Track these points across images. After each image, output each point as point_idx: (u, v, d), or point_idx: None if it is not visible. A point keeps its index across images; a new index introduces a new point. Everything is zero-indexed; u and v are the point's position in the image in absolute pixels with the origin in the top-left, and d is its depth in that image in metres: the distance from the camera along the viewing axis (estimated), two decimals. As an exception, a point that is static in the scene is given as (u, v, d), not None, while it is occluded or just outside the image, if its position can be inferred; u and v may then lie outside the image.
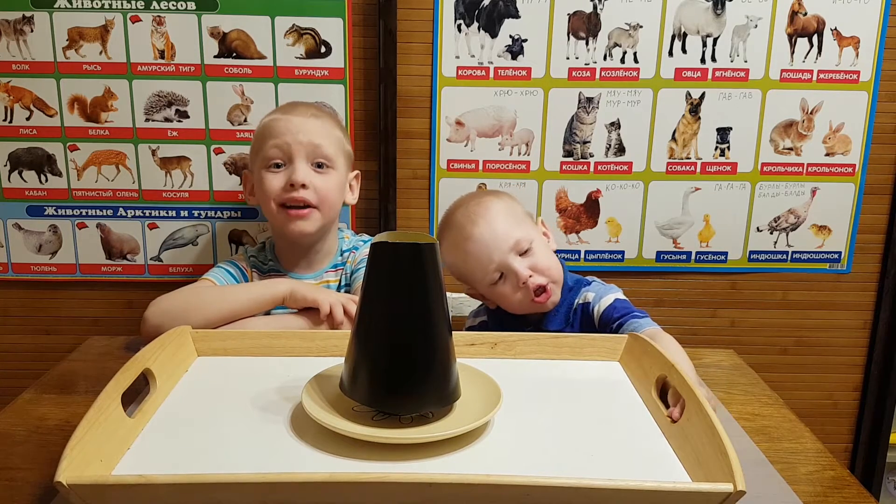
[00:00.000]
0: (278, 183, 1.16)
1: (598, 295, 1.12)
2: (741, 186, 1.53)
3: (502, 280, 1.11)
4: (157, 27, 1.42)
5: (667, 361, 0.81)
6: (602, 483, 0.58)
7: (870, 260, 1.58)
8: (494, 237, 1.10)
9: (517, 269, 1.09)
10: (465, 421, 0.72)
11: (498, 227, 1.10)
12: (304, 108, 1.21)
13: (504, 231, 1.10)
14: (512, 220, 1.12)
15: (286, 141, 1.15)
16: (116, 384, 0.73)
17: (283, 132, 1.16)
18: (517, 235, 1.10)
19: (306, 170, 1.16)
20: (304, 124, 1.17)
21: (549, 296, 1.11)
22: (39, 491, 0.69)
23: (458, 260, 1.14)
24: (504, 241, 1.09)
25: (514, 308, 1.14)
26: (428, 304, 0.72)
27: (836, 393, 1.66)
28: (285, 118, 1.17)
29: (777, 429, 0.85)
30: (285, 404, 0.79)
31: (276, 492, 0.58)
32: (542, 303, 1.11)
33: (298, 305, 1.08)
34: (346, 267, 1.24)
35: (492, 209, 1.12)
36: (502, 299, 1.13)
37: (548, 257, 1.12)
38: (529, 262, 1.10)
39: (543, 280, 1.10)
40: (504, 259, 1.09)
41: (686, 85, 1.48)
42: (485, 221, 1.10)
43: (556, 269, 1.12)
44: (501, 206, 1.13)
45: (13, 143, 1.47)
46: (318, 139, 1.17)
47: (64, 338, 1.56)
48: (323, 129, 1.18)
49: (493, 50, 1.46)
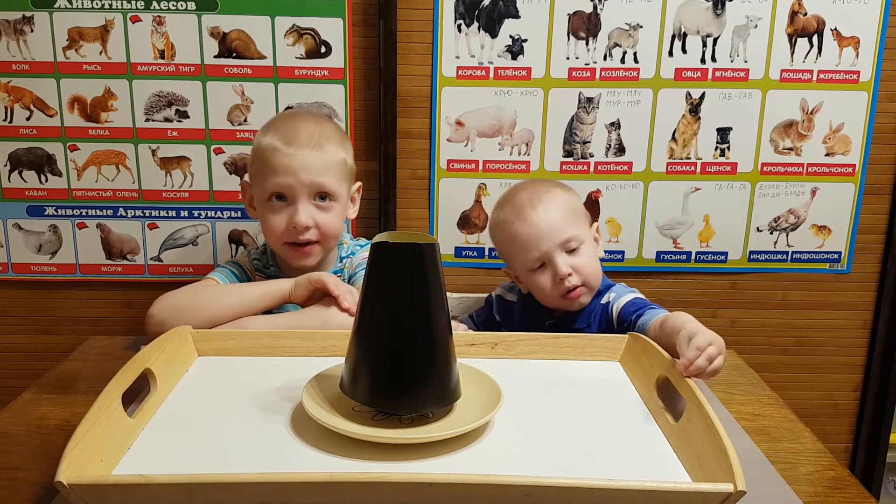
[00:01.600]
0: (281, 222, 1.14)
1: (618, 295, 1.15)
2: (741, 186, 1.53)
3: (541, 269, 1.13)
4: (157, 27, 1.42)
5: (667, 362, 0.82)
6: (602, 483, 0.58)
7: (870, 260, 1.58)
8: (549, 227, 1.11)
9: (559, 265, 1.11)
10: (465, 421, 0.72)
11: (554, 218, 1.12)
12: (306, 132, 1.14)
13: (559, 224, 1.12)
14: (570, 217, 1.14)
15: (289, 183, 1.12)
16: (117, 384, 0.73)
17: (284, 171, 1.12)
18: (570, 233, 1.12)
19: (308, 210, 1.14)
20: (307, 160, 1.12)
21: (579, 296, 1.13)
22: (40, 491, 0.69)
23: (507, 237, 1.16)
24: (556, 234, 1.11)
25: (543, 298, 1.16)
26: (428, 304, 0.72)
27: (836, 393, 1.66)
28: (288, 153, 1.12)
29: (777, 429, 0.85)
30: (285, 404, 0.79)
31: (276, 492, 0.58)
32: (571, 300, 1.13)
33: (304, 292, 1.07)
34: (345, 272, 1.24)
35: (555, 200, 1.14)
36: (536, 287, 1.15)
37: (592, 262, 1.14)
38: (573, 261, 1.12)
39: (580, 282, 1.12)
40: (550, 251, 1.11)
41: (686, 85, 1.48)
42: (544, 208, 1.13)
43: (595, 275, 1.14)
44: (565, 200, 1.15)
45: (13, 143, 1.47)
46: (321, 177, 1.13)
47: (64, 338, 1.56)
48: (325, 162, 1.14)
49: (493, 50, 1.46)
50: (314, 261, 1.18)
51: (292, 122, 1.17)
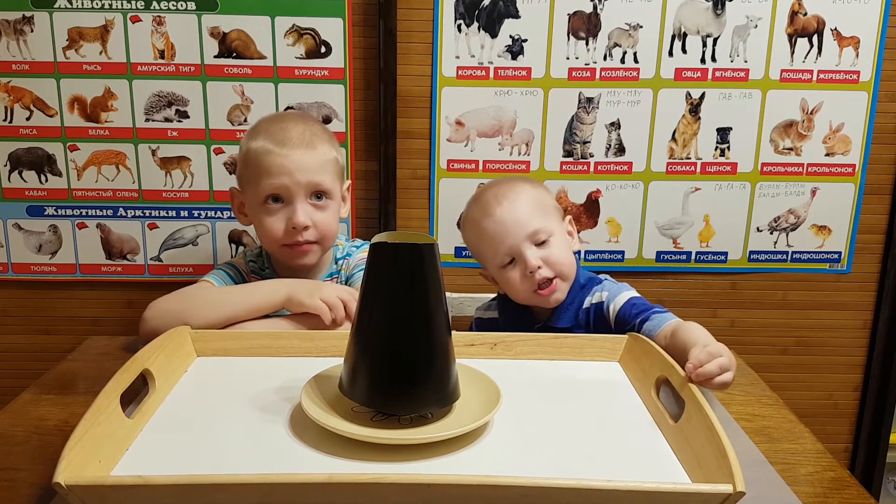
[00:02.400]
0: (279, 224, 1.13)
1: (612, 294, 1.12)
2: (741, 186, 1.53)
3: (512, 265, 1.12)
4: (157, 27, 1.42)
5: (666, 362, 0.81)
6: (602, 483, 0.58)
7: (870, 260, 1.58)
8: (515, 221, 1.10)
9: (528, 258, 1.09)
10: (465, 421, 0.72)
11: (520, 212, 1.11)
12: (296, 133, 1.14)
13: (525, 217, 1.10)
14: (537, 210, 1.12)
15: (285, 184, 1.11)
16: (115, 384, 0.73)
17: (278, 171, 1.11)
18: (537, 225, 1.10)
19: (306, 209, 1.13)
20: (302, 160, 1.12)
21: (552, 290, 1.11)
22: (39, 491, 0.69)
23: (475, 236, 1.15)
24: (523, 227, 1.10)
25: (518, 296, 1.14)
26: (428, 304, 0.72)
27: (836, 393, 1.65)
28: (281, 153, 1.11)
29: (777, 429, 0.85)
30: (284, 405, 0.79)
31: (275, 492, 0.58)
32: (545, 296, 1.11)
33: (297, 311, 1.07)
34: (341, 274, 1.24)
35: (521, 194, 1.13)
36: (509, 285, 1.14)
37: (563, 254, 1.12)
38: (543, 254, 1.10)
39: (551, 274, 1.10)
40: (518, 245, 1.10)
41: (686, 85, 1.48)
42: (509, 203, 1.11)
43: (568, 266, 1.12)
44: (531, 194, 1.14)
45: (13, 143, 1.47)
46: (316, 176, 1.13)
47: (63, 338, 1.56)
48: (319, 161, 1.14)
49: (493, 50, 1.46)
50: (314, 258, 1.17)
51: (280, 124, 1.16)
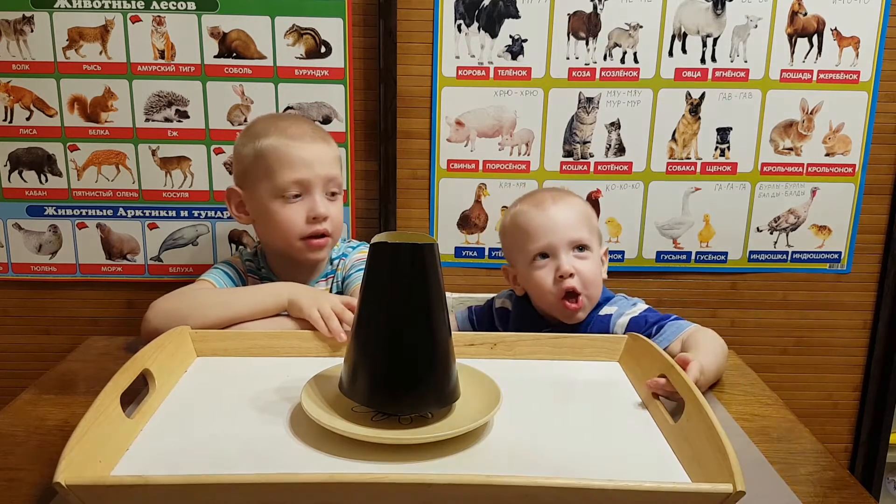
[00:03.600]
0: (299, 216, 1.14)
1: (620, 310, 1.11)
2: (741, 186, 1.53)
3: (543, 261, 1.11)
4: (157, 27, 1.42)
5: (666, 362, 0.81)
6: (602, 483, 0.58)
7: (870, 260, 1.58)
8: (564, 221, 1.11)
9: (563, 260, 1.09)
10: (465, 421, 0.72)
11: (572, 217, 1.12)
12: (308, 127, 1.17)
13: (575, 223, 1.11)
14: (586, 223, 1.13)
15: (306, 177, 1.13)
16: (115, 384, 0.73)
17: (301, 164, 1.13)
18: (582, 234, 1.11)
19: (325, 201, 1.15)
20: (321, 153, 1.15)
21: (578, 308, 1.10)
22: (39, 491, 0.69)
23: (519, 227, 1.13)
24: (569, 231, 1.10)
25: (542, 297, 1.12)
26: (427, 304, 0.72)
27: (836, 393, 1.65)
28: (302, 146, 1.13)
29: (777, 429, 0.85)
30: (284, 405, 0.79)
31: (275, 492, 0.58)
32: (571, 310, 1.10)
33: (297, 316, 1.06)
34: (337, 274, 1.24)
35: (576, 205, 1.14)
36: (535, 284, 1.12)
37: (595, 273, 1.11)
38: (577, 264, 1.10)
39: (580, 287, 1.09)
40: (558, 244, 1.10)
41: (686, 85, 1.48)
42: (565, 205, 1.12)
43: (595, 288, 1.12)
44: (584, 208, 1.16)
45: (13, 143, 1.47)
46: (333, 170, 1.16)
47: (63, 338, 1.56)
48: (332, 155, 1.17)
49: (493, 50, 1.46)
50: (327, 253, 1.19)
51: (287, 122, 1.18)
